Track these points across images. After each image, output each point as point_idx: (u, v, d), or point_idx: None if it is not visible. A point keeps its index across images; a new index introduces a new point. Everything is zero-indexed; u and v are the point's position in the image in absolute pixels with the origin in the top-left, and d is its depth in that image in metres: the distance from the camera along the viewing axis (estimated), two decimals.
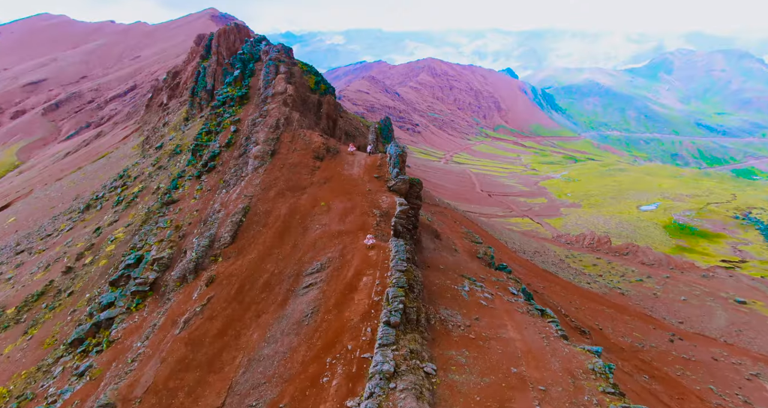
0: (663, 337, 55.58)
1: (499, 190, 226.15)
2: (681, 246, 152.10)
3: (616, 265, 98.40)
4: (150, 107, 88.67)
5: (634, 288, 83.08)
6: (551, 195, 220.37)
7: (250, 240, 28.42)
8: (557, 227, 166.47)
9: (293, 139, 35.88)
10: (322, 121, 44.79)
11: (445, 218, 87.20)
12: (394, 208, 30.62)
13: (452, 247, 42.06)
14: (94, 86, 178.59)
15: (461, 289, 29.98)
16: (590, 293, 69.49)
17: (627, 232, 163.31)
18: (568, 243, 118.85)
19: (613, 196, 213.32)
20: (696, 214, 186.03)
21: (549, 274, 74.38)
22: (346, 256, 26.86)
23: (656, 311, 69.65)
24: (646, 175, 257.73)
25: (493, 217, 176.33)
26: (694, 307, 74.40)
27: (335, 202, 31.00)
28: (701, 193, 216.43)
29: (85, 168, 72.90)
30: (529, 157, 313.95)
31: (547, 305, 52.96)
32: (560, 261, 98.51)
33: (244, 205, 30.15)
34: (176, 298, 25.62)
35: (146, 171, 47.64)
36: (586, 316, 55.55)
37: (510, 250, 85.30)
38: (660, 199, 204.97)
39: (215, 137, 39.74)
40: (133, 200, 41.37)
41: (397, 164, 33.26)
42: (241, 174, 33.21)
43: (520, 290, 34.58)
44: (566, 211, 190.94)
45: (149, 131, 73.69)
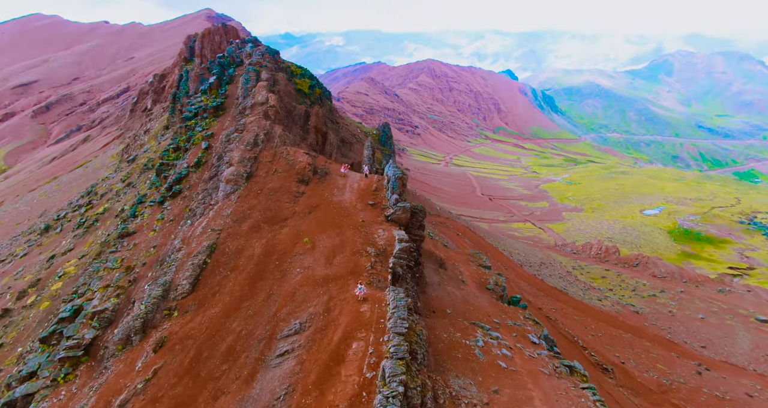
0: (689, 369, 50.14)
1: (500, 193, 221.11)
2: (687, 252, 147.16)
3: (626, 278, 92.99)
4: (134, 112, 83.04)
5: (648, 304, 77.69)
6: (552, 198, 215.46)
7: (215, 288, 22.89)
8: (560, 233, 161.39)
9: (274, 158, 30.38)
10: (310, 135, 39.21)
11: (448, 230, 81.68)
12: (392, 244, 25.13)
13: (459, 278, 36.52)
14: (86, 88, 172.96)
15: (474, 344, 24.42)
16: (603, 314, 64.00)
17: (631, 237, 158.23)
18: (575, 252, 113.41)
19: (616, 200, 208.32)
20: (701, 219, 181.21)
21: (559, 293, 68.89)
22: (333, 311, 21.33)
23: (675, 333, 64.20)
24: (649, 178, 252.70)
25: (495, 221, 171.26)
26: (713, 327, 68.99)
27: (322, 238, 25.49)
28: (705, 197, 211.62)
29: (60, 178, 67.32)
30: (529, 160, 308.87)
31: (564, 336, 47.50)
32: (567, 273, 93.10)
33: (210, 243, 24.60)
34: (115, 367, 20.08)
35: (114, 188, 42.18)
36: (604, 345, 50.07)
37: (516, 264, 79.79)
38: (663, 203, 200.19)
39: (184, 155, 34.21)
40: (94, 224, 35.95)
41: (396, 189, 27.77)
42: (210, 201, 27.72)
43: (541, 337, 29.05)
44: (568, 215, 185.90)
45: (130, 139, 68.16)
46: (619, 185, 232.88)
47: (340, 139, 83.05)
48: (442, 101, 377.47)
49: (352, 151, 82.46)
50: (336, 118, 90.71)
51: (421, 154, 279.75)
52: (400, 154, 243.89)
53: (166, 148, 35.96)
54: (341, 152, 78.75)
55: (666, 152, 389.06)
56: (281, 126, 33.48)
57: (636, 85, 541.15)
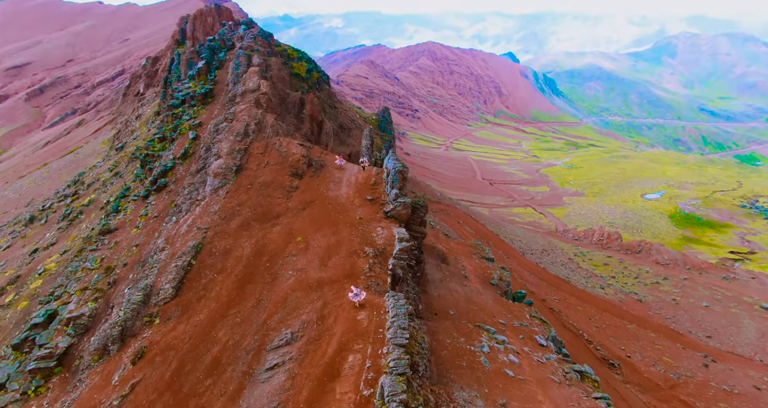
0: (696, 361, 48.87)
1: (501, 178, 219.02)
2: (687, 237, 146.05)
3: (628, 265, 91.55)
4: (126, 97, 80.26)
5: (651, 292, 76.34)
6: (553, 183, 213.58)
7: (200, 293, 21.10)
8: (560, 218, 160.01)
9: (266, 150, 28.29)
10: (305, 124, 36.87)
11: (448, 218, 79.87)
12: (392, 243, 23.26)
13: (462, 273, 34.77)
14: (80, 70, 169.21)
15: (479, 350, 22.75)
16: (607, 303, 62.59)
17: (632, 222, 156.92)
18: (576, 239, 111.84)
19: (617, 184, 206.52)
20: (702, 203, 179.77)
21: (562, 282, 67.40)
22: (327, 319, 19.57)
23: (679, 322, 62.91)
24: (650, 162, 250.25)
25: (495, 206, 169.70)
26: (718, 315, 67.73)
27: (316, 237, 23.59)
28: (706, 181, 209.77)
29: (50, 164, 65.21)
30: (530, 144, 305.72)
31: (568, 329, 46.05)
32: (569, 260, 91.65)
33: (196, 242, 22.73)
34: (90, 380, 18.42)
35: (101, 177, 40.11)
36: (609, 337, 48.69)
37: (518, 252, 78.17)
38: (665, 187, 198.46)
39: (170, 145, 32.04)
40: (78, 217, 34.03)
41: (395, 183, 25.77)
42: (197, 196, 25.76)
43: (549, 338, 27.41)
44: (569, 200, 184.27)
45: (122, 124, 65.76)
46: (620, 169, 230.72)
47: (338, 125, 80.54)
48: (442, 84, 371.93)
49: (350, 137, 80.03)
50: (334, 103, 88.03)
51: (422, 138, 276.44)
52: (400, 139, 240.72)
53: (152, 137, 33.77)
54: (340, 139, 76.34)
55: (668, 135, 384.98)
56: (274, 115, 31.28)
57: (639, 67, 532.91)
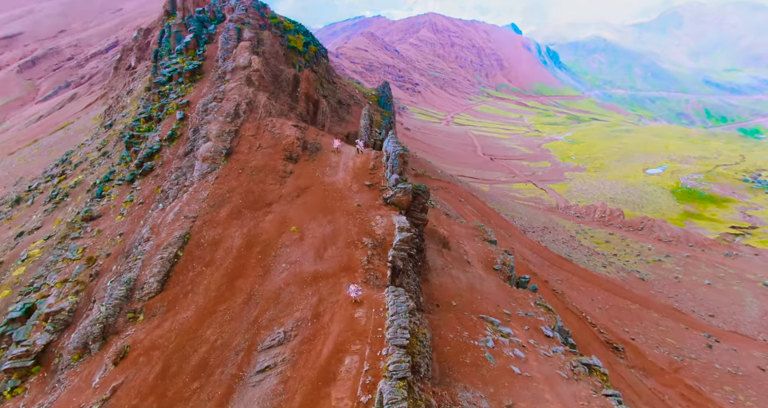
0: (699, 342, 48.13)
1: (502, 153, 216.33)
2: (689, 212, 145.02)
3: (630, 242, 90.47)
4: (118, 70, 77.27)
5: (653, 270, 75.44)
6: (555, 158, 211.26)
7: (187, 287, 19.69)
8: (562, 193, 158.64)
9: (258, 131, 26.42)
10: (299, 103, 34.61)
11: (449, 196, 78.26)
12: (392, 233, 21.72)
13: (464, 259, 33.40)
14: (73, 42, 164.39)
15: (484, 344, 21.50)
16: (609, 283, 61.63)
17: (634, 198, 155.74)
18: (578, 216, 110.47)
19: (619, 159, 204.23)
20: (704, 178, 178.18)
21: (564, 261, 66.31)
22: (323, 317, 18.20)
23: (682, 301, 62.12)
24: (653, 137, 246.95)
25: (496, 182, 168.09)
26: (720, 293, 66.96)
27: (311, 226, 22.03)
28: (709, 155, 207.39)
29: (41, 141, 63.21)
30: (531, 118, 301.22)
31: (572, 311, 45.07)
32: (571, 238, 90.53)
33: (183, 232, 21.19)
34: (69, 381, 17.21)
35: (89, 157, 38.27)
36: (612, 319, 47.80)
37: (519, 230, 76.88)
38: (667, 162, 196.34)
39: (156, 126, 30.05)
40: (63, 199, 32.41)
41: (395, 167, 24.02)
42: (185, 182, 24.09)
43: (555, 329, 26.20)
44: (570, 175, 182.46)
45: (113, 100, 63.36)
46: (622, 144, 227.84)
47: (337, 101, 77.86)
48: (443, 57, 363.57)
49: (349, 113, 77.51)
50: (333, 78, 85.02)
51: (422, 113, 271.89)
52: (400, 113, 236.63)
53: (137, 117, 31.75)
54: (338, 115, 73.89)
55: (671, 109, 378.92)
56: (266, 93, 29.22)
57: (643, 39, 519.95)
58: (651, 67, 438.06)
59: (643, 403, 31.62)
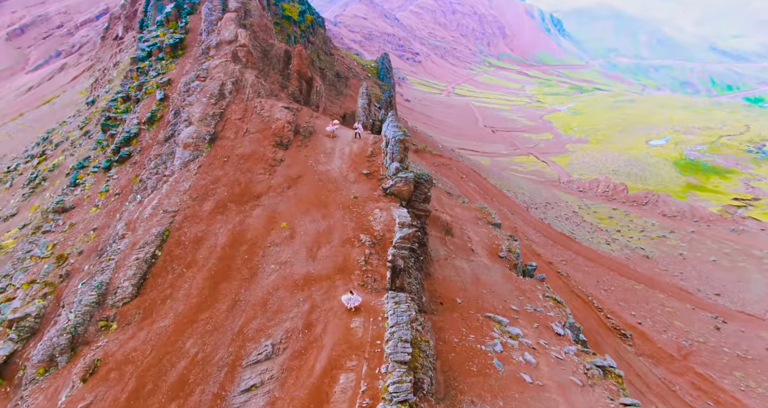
0: (707, 323, 46.85)
1: (503, 125, 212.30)
2: (691, 183, 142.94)
3: (634, 218, 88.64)
4: (105, 40, 73.16)
5: (657, 247, 73.89)
6: (557, 130, 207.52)
7: (166, 292, 17.72)
8: (563, 166, 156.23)
9: (245, 114, 23.89)
10: (291, 82, 31.56)
11: (451, 173, 75.85)
12: (392, 229, 19.59)
13: (468, 246, 31.42)
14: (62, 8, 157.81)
15: (491, 349, 19.71)
16: (614, 262, 60.02)
17: (636, 170, 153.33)
18: (581, 190, 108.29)
19: (622, 130, 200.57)
20: (708, 149, 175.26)
21: (567, 239, 64.56)
22: (315, 327, 16.29)
23: (687, 279, 60.72)
24: (656, 107, 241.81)
25: (497, 155, 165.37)
26: (726, 270, 65.57)
27: (303, 222, 19.87)
28: (713, 125, 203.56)
29: (26, 115, 60.32)
30: (533, 88, 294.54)
31: (577, 295, 43.52)
32: (574, 214, 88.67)
33: (162, 229, 19.08)
34: (33, 399, 15.48)
35: (71, 136, 35.67)
36: (618, 302, 46.35)
37: (522, 207, 74.81)
38: (671, 133, 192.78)
39: (135, 107, 27.42)
40: (41, 183, 30.14)
41: (396, 154, 21.66)
42: (164, 171, 21.80)
43: (566, 325, 24.45)
44: (572, 147, 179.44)
45: (99, 72, 60.04)
46: (625, 114, 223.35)
47: (334, 74, 74.27)
48: (444, 25, 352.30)
49: (347, 87, 74.08)
50: (330, 49, 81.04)
51: (422, 84, 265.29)
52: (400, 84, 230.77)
53: (114, 96, 29.04)
54: (336, 89, 70.54)
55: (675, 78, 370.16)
56: (254, 71, 26.46)
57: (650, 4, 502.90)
58: (656, 34, 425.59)
59: (653, 394, 30.34)
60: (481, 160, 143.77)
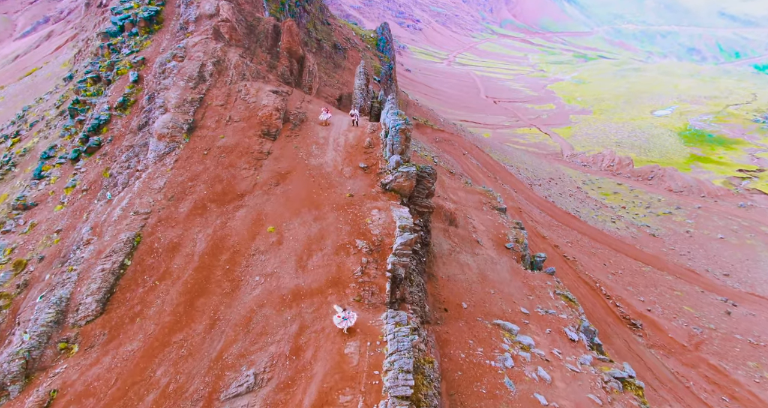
0: (717, 308, 45.15)
1: (505, 95, 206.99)
2: (696, 155, 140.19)
3: (639, 193, 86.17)
4: (89, 7, 68.44)
5: (664, 224, 71.75)
6: (560, 100, 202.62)
7: (135, 309, 15.54)
8: (566, 138, 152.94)
9: (228, 100, 21.07)
10: (281, 61, 28.09)
11: (453, 149, 72.85)
12: (392, 232, 17.21)
13: (473, 237, 29.15)
14: None
15: (501, 364, 17.68)
16: (621, 243, 57.96)
17: (640, 141, 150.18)
18: (585, 165, 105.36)
19: (626, 101, 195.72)
20: (714, 119, 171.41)
21: (572, 219, 62.31)
22: (304, 352, 14.15)
23: (695, 259, 58.85)
24: (662, 75, 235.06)
25: (499, 127, 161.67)
26: (734, 248, 63.65)
27: (293, 225, 17.47)
28: (720, 94, 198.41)
29: (7, 89, 56.90)
30: (536, 56, 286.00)
31: (585, 282, 41.58)
32: (578, 189, 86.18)
33: (132, 234, 16.73)
34: None
35: (47, 115, 32.66)
36: (626, 286, 44.50)
37: (525, 185, 72.22)
38: (676, 103, 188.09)
39: (106, 89, 24.48)
40: (11, 170, 27.47)
41: (397, 145, 19.02)
42: (137, 165, 19.25)
43: (579, 328, 22.45)
44: (576, 118, 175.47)
45: (83, 43, 56.12)
46: (630, 83, 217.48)
47: (332, 45, 70.06)
48: None
49: (345, 58, 70.04)
50: (327, 18, 76.41)
51: (423, 52, 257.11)
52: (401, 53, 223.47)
53: (83, 77, 25.97)
54: (333, 61, 66.59)
55: (682, 44, 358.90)
56: (239, 49, 23.34)
57: None
58: None
59: (667, 391, 28.75)
60: (482, 132, 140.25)
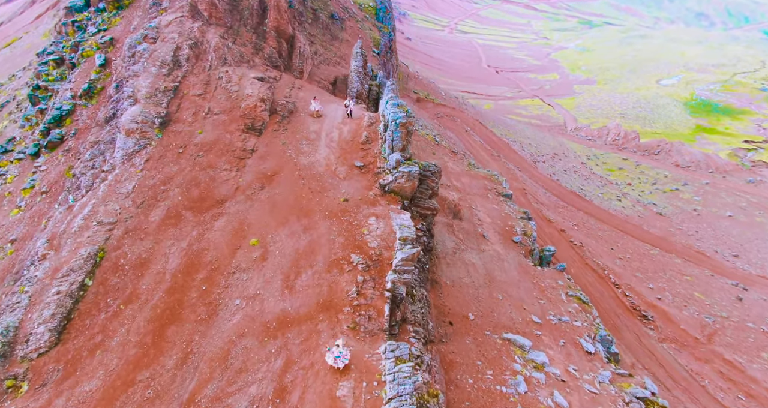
0: (728, 293, 43.44)
1: (508, 65, 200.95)
2: (701, 126, 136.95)
3: (645, 169, 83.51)
4: None
5: (670, 201, 69.54)
6: (564, 69, 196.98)
7: (95, 338, 13.43)
8: (570, 109, 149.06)
9: (207, 89, 18.29)
10: (268, 42, 24.52)
11: (455, 124, 69.68)
12: (391, 244, 14.94)
13: (478, 231, 26.92)
14: None
15: (514, 390, 15.77)
16: (628, 224, 55.82)
17: (645, 112, 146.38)
18: (589, 139, 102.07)
19: (632, 70, 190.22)
20: (721, 88, 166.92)
21: (577, 198, 59.95)
22: (290, 394, 12.13)
23: (703, 239, 56.90)
24: (668, 42, 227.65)
25: (501, 98, 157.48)
26: (743, 227, 61.63)
27: (279, 237, 15.15)
28: (728, 62, 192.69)
29: None
30: (540, 23, 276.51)
31: (593, 270, 39.67)
32: (582, 165, 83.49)
33: (95, 248, 14.46)
34: None
35: (17, 95, 29.73)
36: (635, 273, 42.58)
37: (529, 162, 69.48)
38: (682, 71, 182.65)
39: (70, 73, 21.56)
40: None
41: (398, 141, 16.46)
42: (103, 165, 16.75)
43: (596, 338, 20.54)
44: (579, 88, 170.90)
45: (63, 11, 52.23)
46: (636, 51, 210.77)
47: (329, 15, 65.66)
48: None
49: (343, 30, 65.83)
50: None
51: (424, 20, 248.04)
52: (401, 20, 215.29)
53: (45, 59, 22.90)
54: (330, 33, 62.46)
55: (690, 9, 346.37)
56: (220, 29, 20.20)
57: None
58: None
59: (681, 390, 27.23)
60: (484, 104, 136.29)
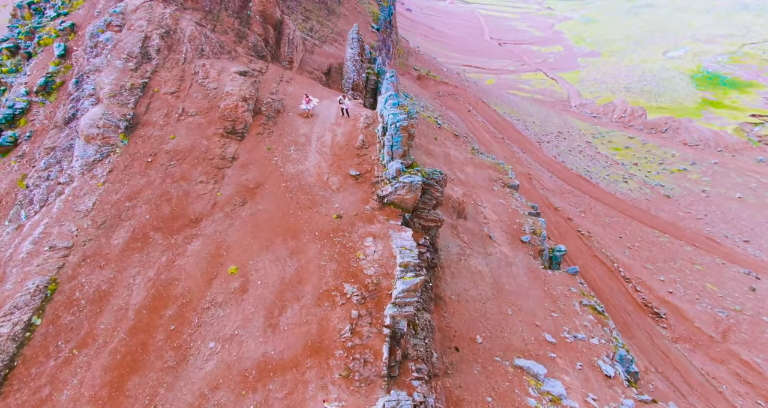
0: (740, 283, 41.72)
1: (511, 37, 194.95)
2: (708, 99, 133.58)
3: (652, 147, 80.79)
4: None
5: (678, 182, 67.28)
6: (568, 41, 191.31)
7: (41, 392, 11.41)
8: (574, 83, 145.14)
9: (181, 86, 15.71)
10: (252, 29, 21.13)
11: (457, 104, 66.51)
12: (390, 271, 12.82)
13: (484, 232, 24.77)
14: None
15: None
16: (635, 209, 53.66)
17: (650, 86, 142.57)
18: (594, 116, 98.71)
19: (638, 41, 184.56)
20: (728, 59, 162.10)
21: (583, 181, 57.59)
22: None
23: (713, 223, 54.94)
24: (676, 11, 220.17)
25: (503, 73, 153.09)
26: (754, 209, 59.59)
27: (262, 263, 12.97)
28: (737, 32, 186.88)
29: None
30: None
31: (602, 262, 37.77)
32: (587, 144, 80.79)
33: (45, 279, 12.33)
34: None
35: None
36: (644, 264, 40.70)
37: (534, 144, 66.68)
38: (690, 43, 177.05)
39: (25, 65, 18.86)
40: None
41: (398, 147, 14.08)
42: (59, 176, 14.41)
43: (615, 358, 18.68)
44: (584, 61, 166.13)
45: None
46: (642, 22, 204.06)
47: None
48: None
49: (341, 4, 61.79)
50: None
51: None
52: None
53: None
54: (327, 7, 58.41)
55: None
56: (197, 14, 17.26)
57: None
58: None
59: (697, 396, 25.69)
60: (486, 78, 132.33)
